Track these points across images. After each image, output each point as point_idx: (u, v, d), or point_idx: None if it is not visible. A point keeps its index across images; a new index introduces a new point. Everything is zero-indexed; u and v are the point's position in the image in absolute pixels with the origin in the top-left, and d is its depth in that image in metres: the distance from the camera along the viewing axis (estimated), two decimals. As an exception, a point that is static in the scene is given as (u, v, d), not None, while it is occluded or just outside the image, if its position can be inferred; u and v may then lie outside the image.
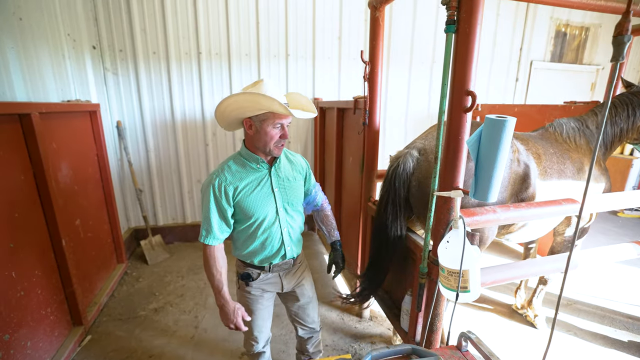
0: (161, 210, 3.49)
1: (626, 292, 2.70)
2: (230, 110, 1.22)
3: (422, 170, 1.56)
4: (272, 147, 1.25)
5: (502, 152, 0.98)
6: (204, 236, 1.29)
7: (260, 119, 1.21)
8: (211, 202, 1.25)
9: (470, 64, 1.08)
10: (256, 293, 1.44)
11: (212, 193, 1.25)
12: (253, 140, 1.27)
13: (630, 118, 1.86)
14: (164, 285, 2.77)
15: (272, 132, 1.23)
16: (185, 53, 3.13)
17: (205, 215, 1.27)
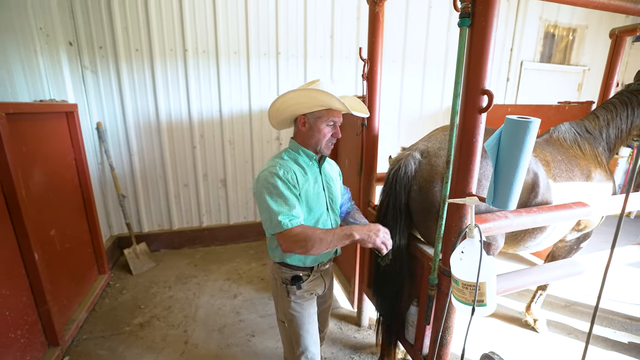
0: (146, 216, 3.31)
1: (623, 292, 2.70)
2: (287, 107, 1.23)
3: (423, 174, 1.47)
4: (323, 145, 1.26)
5: (525, 156, 0.90)
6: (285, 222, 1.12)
7: (315, 116, 1.23)
8: (282, 188, 1.16)
9: (486, 60, 1.00)
10: (307, 296, 1.36)
11: (280, 180, 1.17)
12: (305, 138, 1.28)
13: (630, 118, 1.84)
14: (150, 297, 2.61)
15: (326, 130, 1.24)
16: (170, 50, 2.97)
17: (279, 201, 1.15)
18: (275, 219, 1.13)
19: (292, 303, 1.33)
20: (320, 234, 1.12)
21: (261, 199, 1.17)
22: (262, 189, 1.17)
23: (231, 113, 3.29)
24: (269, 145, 3.50)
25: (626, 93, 1.87)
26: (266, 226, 1.16)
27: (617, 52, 2.56)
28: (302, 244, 1.11)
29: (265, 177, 1.18)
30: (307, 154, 1.29)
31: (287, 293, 1.33)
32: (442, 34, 3.77)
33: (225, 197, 3.51)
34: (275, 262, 1.35)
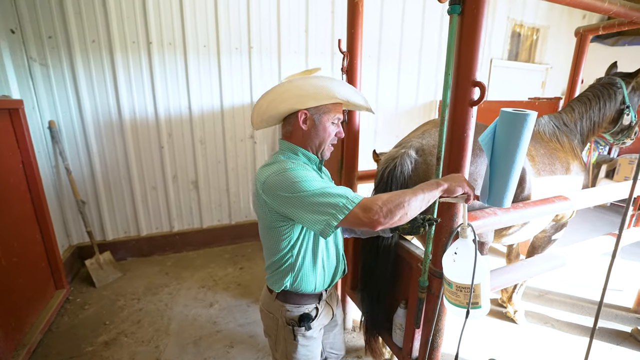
0: (110, 222, 3.05)
1: (591, 279, 2.84)
2: (285, 99, 0.99)
3: (419, 174, 1.41)
4: (327, 146, 1.07)
5: (521, 151, 0.85)
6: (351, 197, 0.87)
7: (320, 111, 1.02)
8: (313, 176, 0.94)
9: (477, 50, 0.95)
10: (316, 335, 1.14)
11: (304, 171, 0.95)
12: (305, 138, 1.05)
13: (602, 110, 1.89)
14: (116, 311, 2.39)
15: (331, 129, 1.05)
16: (132, 42, 2.73)
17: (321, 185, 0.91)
18: (339, 198, 0.86)
19: (300, 347, 1.10)
20: (409, 191, 0.86)
21: (295, 199, 0.89)
22: (288, 190, 0.90)
23: (201, 110, 3.10)
24: (243, 144, 3.34)
25: (598, 86, 1.92)
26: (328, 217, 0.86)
27: (581, 50, 2.66)
28: (399, 206, 0.83)
29: (282, 179, 0.92)
30: (307, 156, 1.06)
31: (294, 336, 1.10)
32: (416, 29, 3.78)
33: (197, 200, 3.31)
34: (275, 296, 1.10)
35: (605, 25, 2.51)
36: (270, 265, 1.10)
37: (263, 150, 3.45)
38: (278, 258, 1.06)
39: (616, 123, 1.93)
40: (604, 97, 1.88)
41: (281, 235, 1.02)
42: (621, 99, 1.89)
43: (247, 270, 3.00)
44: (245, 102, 3.24)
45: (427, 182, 0.90)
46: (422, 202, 0.86)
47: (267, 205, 0.98)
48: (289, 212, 0.93)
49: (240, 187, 3.45)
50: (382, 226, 0.84)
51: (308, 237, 1.05)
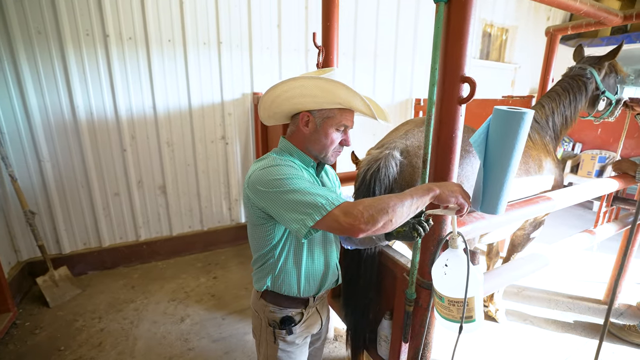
0: (66, 234, 2.76)
1: (562, 273, 2.91)
2: (288, 97, 0.95)
3: (405, 177, 1.33)
4: (329, 153, 0.99)
5: (517, 153, 0.78)
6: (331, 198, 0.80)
7: (323, 116, 0.96)
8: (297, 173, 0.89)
9: (465, 43, 0.87)
10: (300, 342, 1.09)
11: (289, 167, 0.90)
12: (305, 141, 1.00)
13: (572, 103, 1.90)
14: (73, 333, 2.15)
15: (334, 136, 0.97)
16: (85, 35, 2.47)
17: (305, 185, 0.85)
18: (319, 198, 0.80)
19: (280, 351, 1.05)
20: (396, 196, 0.79)
21: (276, 195, 0.84)
22: (270, 186, 0.85)
23: (167, 110, 2.88)
24: (214, 145, 3.15)
25: (567, 79, 1.93)
26: (304, 217, 0.80)
27: (552, 49, 2.71)
28: (382, 211, 0.75)
29: (266, 174, 0.88)
30: (302, 158, 1.01)
31: (274, 338, 1.05)
32: (391, 26, 3.74)
33: (166, 206, 3.09)
34: (260, 295, 1.06)
35: (573, 26, 2.57)
36: (254, 262, 1.07)
37: (235, 152, 3.27)
38: (260, 256, 1.03)
39: (593, 108, 1.95)
40: (573, 90, 1.88)
41: (264, 234, 0.99)
42: (594, 87, 1.90)
43: (221, 279, 2.83)
44: (216, 101, 3.06)
45: (418, 187, 0.82)
46: (410, 209, 0.78)
47: (249, 200, 0.95)
48: (268, 208, 0.88)
49: (212, 191, 3.25)
50: (363, 233, 0.76)
51: (291, 239, 1.01)
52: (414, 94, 4.15)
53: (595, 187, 1.67)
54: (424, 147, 0.96)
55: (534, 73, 5.35)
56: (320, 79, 0.89)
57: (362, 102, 0.90)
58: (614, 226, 1.99)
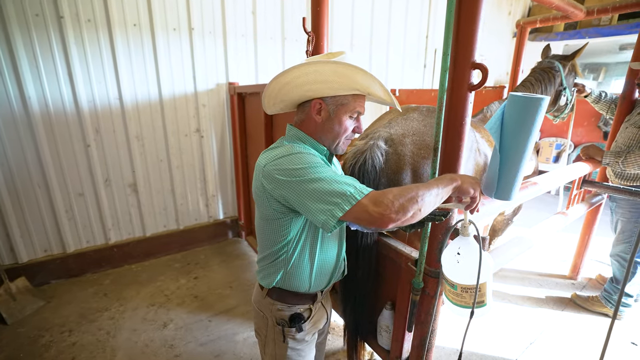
0: (23, 241, 2.48)
1: (532, 253, 3.12)
2: (300, 84, 0.88)
3: (391, 166, 1.32)
4: (342, 142, 0.96)
5: (532, 139, 0.78)
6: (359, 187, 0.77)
7: (337, 103, 0.91)
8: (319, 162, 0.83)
9: (476, 28, 0.86)
10: (309, 339, 1.05)
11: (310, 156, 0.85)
12: (318, 130, 0.94)
13: (544, 94, 2.01)
14: (40, 351, 1.94)
15: (347, 123, 0.93)
16: (35, 15, 2.19)
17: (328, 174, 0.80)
18: (347, 187, 0.76)
19: (290, 350, 1.01)
20: (423, 185, 0.77)
21: (299, 185, 0.79)
22: (292, 175, 0.80)
23: (136, 101, 2.65)
24: (188, 139, 2.97)
25: (539, 70, 2.03)
26: (332, 207, 0.75)
27: (522, 41, 2.84)
28: (412, 200, 0.73)
29: (286, 162, 0.82)
30: (316, 147, 0.96)
31: (284, 337, 1.01)
32: (366, 15, 3.72)
33: (138, 205, 2.88)
34: (266, 293, 1.01)
35: (542, 19, 2.71)
36: (263, 259, 1.01)
37: (211, 145, 3.11)
38: (272, 252, 0.97)
39: (555, 104, 2.08)
40: (545, 81, 1.99)
41: (279, 228, 0.93)
42: (559, 81, 2.02)
43: (202, 279, 2.70)
44: (189, 91, 2.87)
45: (441, 177, 0.82)
46: (437, 198, 0.78)
47: (266, 192, 0.88)
48: (290, 199, 0.82)
49: (188, 187, 3.08)
50: (393, 223, 0.74)
51: (308, 233, 0.97)
52: (389, 84, 4.19)
53: (572, 170, 1.78)
54: (435, 135, 0.95)
55: (497, 64, 5.62)
56: (336, 63, 0.84)
57: (382, 87, 0.86)
58: (583, 207, 2.15)
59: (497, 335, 2.09)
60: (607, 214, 2.38)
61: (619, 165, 1.91)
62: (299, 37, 3.27)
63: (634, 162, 1.85)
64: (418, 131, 1.40)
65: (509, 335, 2.09)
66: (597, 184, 2.09)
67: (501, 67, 5.71)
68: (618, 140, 2.07)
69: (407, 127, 1.41)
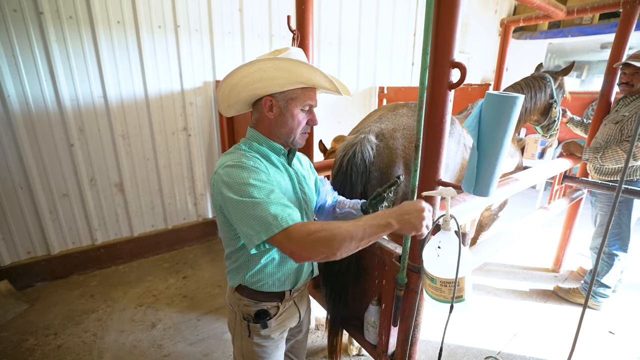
0: (4, 244, 2.42)
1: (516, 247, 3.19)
2: (247, 83, 0.90)
3: (383, 159, 1.34)
4: (298, 136, 0.97)
5: (509, 136, 0.81)
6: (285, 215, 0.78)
7: (287, 98, 0.92)
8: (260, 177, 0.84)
9: (455, 28, 0.87)
10: (275, 336, 1.06)
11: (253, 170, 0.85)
12: (272, 127, 0.96)
13: (533, 100, 2.06)
14: (24, 355, 1.91)
15: (300, 117, 0.95)
16: (13, 11, 2.13)
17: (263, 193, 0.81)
18: (269, 216, 0.77)
19: (254, 346, 1.03)
20: (348, 227, 0.76)
21: (234, 199, 0.81)
22: (230, 190, 0.82)
23: (121, 99, 2.61)
24: (175, 137, 2.94)
25: (530, 78, 2.09)
26: (253, 233, 0.79)
27: (506, 39, 2.88)
28: (325, 244, 0.74)
29: (230, 174, 0.84)
30: (273, 147, 0.98)
31: (249, 332, 1.02)
32: (354, 15, 3.73)
33: (124, 205, 2.84)
34: (235, 289, 1.03)
35: (525, 18, 2.75)
36: (227, 257, 1.04)
37: (199, 144, 3.09)
38: (233, 251, 1.00)
39: (546, 116, 2.13)
40: (534, 87, 2.05)
41: (234, 232, 0.95)
42: (550, 93, 2.08)
43: (191, 278, 2.69)
44: (175, 90, 2.84)
45: (378, 220, 0.78)
46: (361, 242, 0.76)
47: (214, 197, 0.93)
48: (225, 210, 0.88)
49: (176, 186, 3.05)
50: (303, 261, 0.79)
51: None
52: (377, 82, 4.21)
53: (553, 166, 1.83)
54: (416, 132, 0.96)
55: (484, 63, 5.70)
56: (278, 59, 0.85)
57: (325, 77, 0.88)
58: (565, 202, 2.21)
59: (481, 328, 2.14)
60: (589, 208, 2.46)
61: (598, 161, 1.97)
62: (286, 35, 3.26)
63: (612, 157, 1.91)
64: (408, 126, 1.43)
65: (493, 328, 2.14)
66: (577, 180, 2.15)
67: (488, 65, 5.80)
68: (597, 137, 2.14)
69: (398, 122, 1.44)
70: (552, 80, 2.07)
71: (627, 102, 2.02)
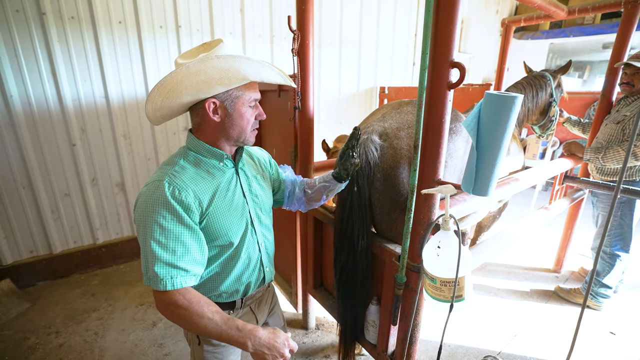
0: (7, 243, 2.44)
1: (517, 247, 3.18)
2: (185, 88, 0.80)
3: (387, 160, 1.29)
4: (248, 134, 0.93)
5: (508, 136, 0.81)
6: (166, 278, 0.79)
7: (232, 97, 0.86)
8: (169, 219, 0.80)
9: (454, 28, 0.87)
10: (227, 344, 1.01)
11: (167, 207, 0.80)
12: (219, 131, 0.89)
13: (534, 99, 2.05)
14: (26, 353, 1.92)
15: (248, 114, 0.90)
16: (15, 11, 2.14)
17: (163, 241, 0.80)
18: (151, 269, 0.79)
19: (205, 352, 1.01)
20: (207, 323, 0.80)
21: (139, 231, 0.81)
22: (142, 218, 0.80)
23: (122, 99, 2.62)
24: (176, 137, 2.95)
25: (530, 77, 2.08)
26: (143, 272, 0.82)
27: (507, 39, 2.88)
28: (181, 322, 0.82)
29: (148, 199, 0.80)
30: (214, 154, 0.91)
31: (199, 340, 1.00)
32: (355, 15, 3.73)
33: (126, 204, 2.85)
34: None
35: (526, 18, 2.75)
36: None
37: (201, 144, 3.09)
38: None
39: (545, 115, 2.12)
40: (536, 86, 2.04)
41: None
42: (550, 92, 2.07)
43: (193, 278, 2.69)
44: (177, 90, 2.84)
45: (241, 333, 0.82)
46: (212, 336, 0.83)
47: None
48: None
49: (178, 186, 3.05)
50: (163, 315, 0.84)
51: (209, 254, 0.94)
52: (378, 82, 4.21)
53: (554, 167, 1.82)
54: (415, 132, 0.97)
55: (485, 63, 5.69)
56: (218, 58, 0.80)
57: (272, 70, 0.86)
58: (566, 202, 2.21)
59: (481, 328, 2.14)
60: (590, 208, 2.45)
61: (599, 161, 1.97)
62: (287, 35, 3.26)
63: (613, 157, 1.91)
64: (413, 124, 1.36)
65: (493, 328, 2.14)
66: (577, 180, 2.14)
67: (489, 65, 5.78)
68: (599, 137, 2.13)
69: (402, 120, 1.38)
70: (551, 79, 2.06)
71: (628, 102, 2.02)
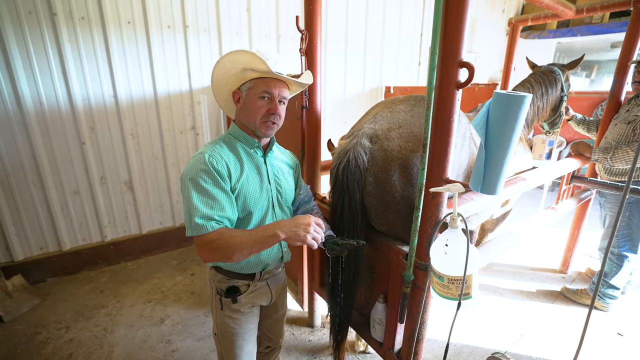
0: (18, 239, 2.48)
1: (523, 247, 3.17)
2: (220, 78, 1.06)
3: (377, 163, 1.27)
4: (258, 123, 1.04)
5: (516, 135, 0.81)
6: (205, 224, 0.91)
7: (247, 88, 1.04)
8: (208, 180, 0.95)
9: (463, 28, 0.88)
10: (245, 310, 1.16)
11: (207, 171, 0.96)
12: (242, 117, 1.08)
13: (545, 96, 2.03)
14: (37, 347, 1.96)
15: (258, 104, 1.03)
16: (28, 13, 2.18)
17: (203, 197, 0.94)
18: (193, 219, 0.92)
19: (226, 318, 1.14)
20: (241, 237, 0.92)
21: (184, 190, 0.97)
22: (187, 179, 0.97)
23: (130, 99, 2.66)
24: (183, 136, 2.98)
25: (538, 74, 2.05)
26: (186, 225, 0.95)
27: (514, 38, 2.87)
28: (220, 252, 0.92)
29: (192, 166, 0.98)
30: (247, 140, 1.08)
31: (221, 306, 1.13)
32: (360, 16, 3.73)
33: (133, 202, 2.89)
34: (211, 267, 1.16)
35: (533, 17, 2.73)
36: None
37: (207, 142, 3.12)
38: None
39: (556, 111, 2.09)
40: (545, 83, 2.01)
41: None
42: (560, 87, 2.04)
43: (199, 276, 2.72)
44: (184, 89, 2.88)
45: (267, 231, 0.92)
46: (252, 250, 0.91)
47: None
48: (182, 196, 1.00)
49: (184, 185, 3.09)
50: (209, 261, 0.97)
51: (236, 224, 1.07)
52: (383, 82, 4.22)
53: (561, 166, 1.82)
54: (423, 131, 0.97)
55: (491, 62, 5.66)
56: (231, 52, 0.97)
57: (259, 60, 0.96)
58: (573, 202, 2.19)
59: (487, 328, 2.14)
60: (597, 209, 2.44)
61: (608, 161, 1.95)
62: (294, 35, 3.28)
63: (622, 158, 1.89)
64: (405, 123, 1.33)
65: (499, 328, 2.14)
66: (585, 180, 2.13)
67: (495, 65, 5.75)
68: (607, 137, 2.11)
69: (393, 120, 1.35)
70: (561, 74, 2.03)
71: (639, 102, 1.99)
